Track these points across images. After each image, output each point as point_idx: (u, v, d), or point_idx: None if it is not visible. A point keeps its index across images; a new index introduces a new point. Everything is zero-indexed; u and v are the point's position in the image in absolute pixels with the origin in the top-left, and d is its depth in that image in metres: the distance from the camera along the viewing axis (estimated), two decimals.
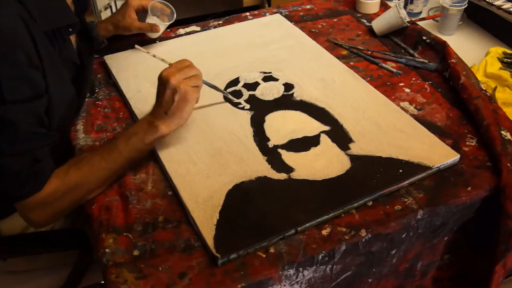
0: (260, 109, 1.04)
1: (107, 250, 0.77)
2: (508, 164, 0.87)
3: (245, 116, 1.02)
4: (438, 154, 0.90)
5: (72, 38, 0.96)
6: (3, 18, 0.74)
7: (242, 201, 0.83)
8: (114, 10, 2.24)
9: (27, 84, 0.78)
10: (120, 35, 1.26)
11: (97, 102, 1.09)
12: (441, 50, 1.17)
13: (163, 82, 0.86)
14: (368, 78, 1.13)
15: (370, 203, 0.83)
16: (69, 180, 0.83)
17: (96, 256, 0.93)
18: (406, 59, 1.20)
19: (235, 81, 1.12)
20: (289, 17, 1.40)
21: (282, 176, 0.87)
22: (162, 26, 1.23)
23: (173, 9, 1.24)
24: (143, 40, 1.32)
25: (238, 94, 1.08)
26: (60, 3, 0.88)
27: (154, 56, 0.95)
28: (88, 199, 0.87)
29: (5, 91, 0.75)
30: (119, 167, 0.87)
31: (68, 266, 0.95)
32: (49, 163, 0.84)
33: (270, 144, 0.94)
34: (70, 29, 0.91)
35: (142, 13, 1.22)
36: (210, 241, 0.76)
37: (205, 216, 0.80)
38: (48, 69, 0.83)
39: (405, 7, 1.57)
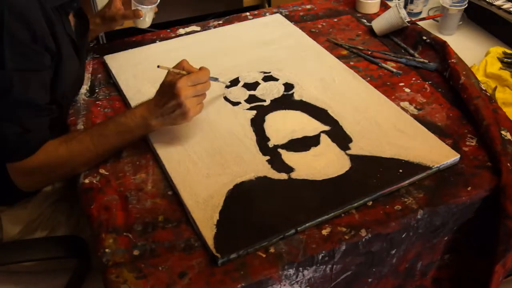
0: (260, 109, 1.04)
1: (107, 250, 0.77)
2: (508, 164, 0.87)
3: (245, 116, 1.02)
4: (438, 154, 0.90)
5: (71, 19, 1.00)
6: None
7: (242, 201, 0.83)
8: None
9: (28, 58, 0.82)
10: (119, 33, 1.26)
11: (97, 102, 1.09)
12: (441, 50, 1.17)
13: (172, 90, 0.86)
14: (368, 78, 1.13)
15: (370, 203, 0.83)
16: (57, 156, 0.87)
17: (95, 262, 0.93)
18: (406, 59, 1.20)
19: (235, 81, 1.12)
20: (289, 17, 1.40)
21: (282, 176, 0.87)
22: (146, 11, 1.21)
23: None
24: (143, 40, 1.32)
25: (238, 94, 1.08)
26: None
27: (179, 73, 0.91)
28: (73, 175, 0.92)
29: (7, 59, 0.79)
30: (105, 152, 0.91)
31: (68, 271, 0.95)
32: (39, 135, 0.87)
33: (270, 144, 0.94)
34: (74, 4, 0.96)
35: (129, 5, 1.21)
36: (210, 241, 0.76)
37: (205, 216, 0.80)
38: (62, 40, 0.89)
39: (405, 7, 1.58)
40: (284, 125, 0.99)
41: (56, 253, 0.93)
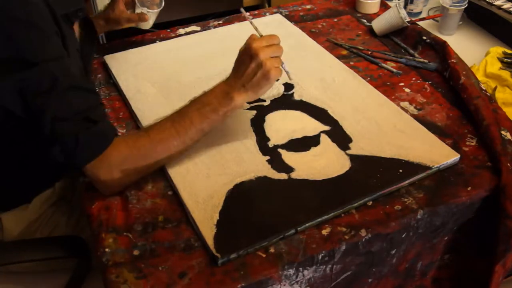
0: (260, 109, 1.04)
1: (107, 249, 0.77)
2: (508, 164, 0.87)
3: (245, 116, 1.02)
4: (438, 154, 0.90)
5: (76, 29, 0.97)
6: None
7: (242, 201, 0.83)
8: None
9: (55, 46, 0.79)
10: (119, 33, 1.26)
11: None
12: (441, 50, 1.17)
13: (250, 54, 0.84)
14: (368, 78, 1.13)
15: (370, 203, 0.83)
16: (138, 147, 0.82)
17: (95, 262, 0.93)
18: (406, 59, 1.20)
19: None
20: (289, 17, 1.40)
21: (282, 176, 0.87)
22: (151, 14, 1.22)
23: None
24: (143, 40, 1.32)
25: None
26: None
27: (251, 22, 0.93)
28: (156, 168, 0.86)
29: (49, 49, 0.77)
30: (189, 138, 0.85)
31: (68, 271, 0.96)
32: (108, 124, 0.83)
33: (270, 144, 0.94)
34: (80, 13, 0.91)
35: (132, 6, 1.22)
36: (210, 241, 0.76)
37: (205, 216, 0.80)
38: (68, 47, 0.85)
39: (405, 7, 1.57)
40: (284, 125, 0.99)
41: (56, 253, 0.93)
